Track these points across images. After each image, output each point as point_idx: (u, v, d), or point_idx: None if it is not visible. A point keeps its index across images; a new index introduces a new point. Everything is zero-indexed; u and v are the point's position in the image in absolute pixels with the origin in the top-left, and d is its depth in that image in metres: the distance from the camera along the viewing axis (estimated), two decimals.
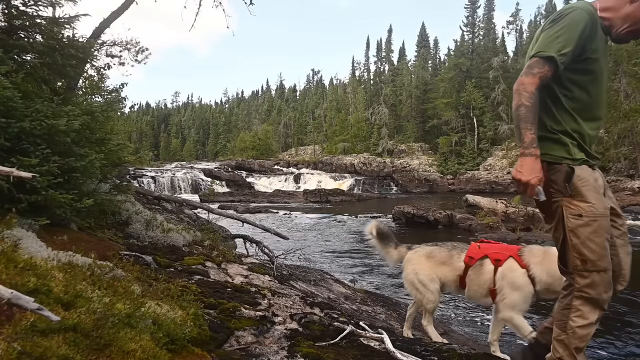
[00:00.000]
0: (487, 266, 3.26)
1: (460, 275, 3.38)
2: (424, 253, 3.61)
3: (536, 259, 3.11)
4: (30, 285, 1.94)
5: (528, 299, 3.10)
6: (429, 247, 3.66)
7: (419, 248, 3.69)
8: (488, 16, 51.15)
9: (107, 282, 2.53)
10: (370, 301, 5.60)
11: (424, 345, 2.80)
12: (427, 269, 3.52)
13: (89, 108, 5.01)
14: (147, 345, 1.85)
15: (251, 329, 2.62)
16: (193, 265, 4.20)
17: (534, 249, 3.21)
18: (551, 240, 2.32)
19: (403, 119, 53.89)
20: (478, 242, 3.50)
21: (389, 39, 59.53)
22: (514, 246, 3.30)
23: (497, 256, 3.23)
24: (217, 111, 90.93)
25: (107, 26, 7.19)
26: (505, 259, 3.18)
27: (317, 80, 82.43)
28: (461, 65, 45.33)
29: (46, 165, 3.82)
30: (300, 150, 61.55)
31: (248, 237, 6.96)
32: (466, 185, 38.37)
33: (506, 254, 3.20)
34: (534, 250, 3.19)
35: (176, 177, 35.20)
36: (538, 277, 3.06)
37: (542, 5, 54.71)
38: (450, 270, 3.45)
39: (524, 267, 3.10)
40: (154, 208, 7.71)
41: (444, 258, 3.50)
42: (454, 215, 15.84)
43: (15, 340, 1.51)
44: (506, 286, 3.13)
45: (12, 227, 3.06)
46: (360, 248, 12.61)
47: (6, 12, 4.73)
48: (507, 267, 3.16)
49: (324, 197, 29.12)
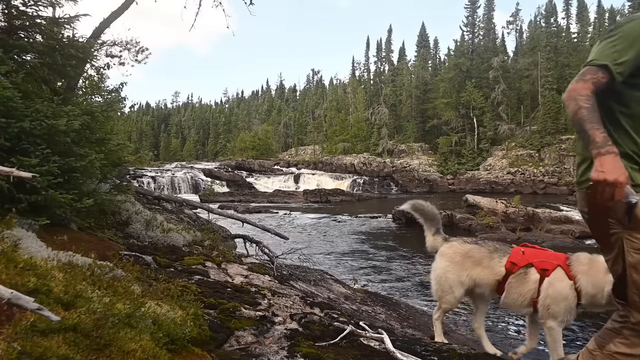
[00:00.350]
0: (532, 275, 3.03)
1: (499, 281, 3.14)
2: (461, 251, 3.36)
3: (582, 268, 2.92)
4: (30, 285, 1.94)
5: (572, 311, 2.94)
6: (467, 244, 3.41)
7: (456, 243, 3.46)
8: (488, 16, 51.16)
9: (107, 282, 2.53)
10: (370, 301, 5.60)
11: (424, 345, 2.80)
12: (460, 269, 3.29)
13: (89, 108, 5.01)
14: (147, 345, 1.85)
15: (251, 329, 2.62)
16: (193, 265, 4.20)
17: (581, 257, 2.99)
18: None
19: (403, 119, 53.90)
20: (521, 245, 3.26)
21: (389, 39, 59.56)
22: (562, 254, 3.07)
23: (543, 265, 3.01)
24: (217, 111, 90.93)
25: (107, 26, 7.19)
26: (553, 269, 2.98)
27: (317, 80, 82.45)
28: (461, 65, 45.34)
29: (46, 165, 3.82)
30: (300, 150, 61.56)
31: (248, 237, 6.96)
32: (466, 185, 38.39)
33: (554, 262, 3.00)
34: (581, 259, 2.98)
35: (176, 177, 35.21)
36: (584, 290, 2.87)
37: (542, 5, 54.72)
38: (488, 274, 3.20)
39: (572, 278, 2.91)
40: (154, 208, 7.71)
41: (483, 259, 3.25)
42: (454, 215, 15.85)
43: (15, 340, 1.51)
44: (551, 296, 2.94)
45: (12, 227, 3.06)
46: (360, 248, 12.62)
47: (6, 12, 4.73)
48: (555, 277, 2.96)
49: (324, 197, 29.14)
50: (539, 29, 48.04)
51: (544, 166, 37.72)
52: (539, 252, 3.13)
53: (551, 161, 37.96)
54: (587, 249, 3.20)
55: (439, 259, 3.45)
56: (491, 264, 3.20)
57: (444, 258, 3.41)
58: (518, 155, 40.18)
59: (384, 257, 11.26)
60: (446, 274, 3.34)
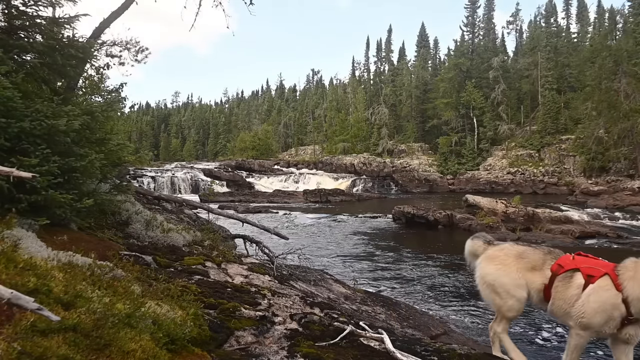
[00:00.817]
0: (576, 279, 2.86)
1: (546, 285, 2.97)
2: (514, 252, 3.13)
3: (629, 274, 2.73)
4: (30, 285, 1.94)
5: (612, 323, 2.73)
6: (519, 246, 3.21)
7: (506, 245, 3.25)
8: (488, 16, 51.15)
9: (107, 282, 2.53)
10: (370, 301, 5.60)
11: (424, 345, 2.80)
12: (515, 271, 3.05)
13: (89, 108, 5.01)
14: (147, 345, 1.85)
15: (251, 329, 2.62)
16: (193, 265, 4.20)
17: (627, 263, 2.81)
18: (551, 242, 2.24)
19: (403, 119, 53.89)
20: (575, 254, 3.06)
21: (389, 39, 59.52)
22: (611, 263, 2.90)
23: (590, 271, 2.84)
24: (217, 111, 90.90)
25: (107, 26, 7.19)
26: (599, 276, 2.79)
27: (317, 80, 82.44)
28: (461, 65, 45.32)
29: (46, 165, 3.82)
30: (300, 150, 61.54)
31: (248, 237, 6.96)
32: (466, 185, 38.38)
33: (602, 270, 2.82)
34: (627, 264, 2.79)
35: (176, 177, 35.21)
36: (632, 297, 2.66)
37: (542, 5, 54.73)
38: (538, 277, 3.00)
39: (619, 287, 2.72)
40: (154, 208, 7.71)
41: (537, 262, 3.03)
42: (454, 215, 15.85)
43: (15, 340, 1.51)
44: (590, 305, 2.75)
45: (12, 227, 3.06)
46: (360, 248, 12.62)
47: (6, 12, 4.73)
48: (600, 285, 2.77)
49: (324, 197, 29.12)
50: (539, 29, 48.03)
51: (543, 166, 37.71)
52: (589, 259, 2.98)
53: (551, 161, 37.96)
54: (587, 249, 3.19)
55: (485, 263, 3.20)
56: (543, 267, 3.01)
57: (494, 261, 3.17)
58: (518, 155, 40.18)
59: (384, 257, 11.26)
60: (500, 278, 3.08)
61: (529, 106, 44.99)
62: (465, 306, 7.14)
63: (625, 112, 30.41)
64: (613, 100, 31.64)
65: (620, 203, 23.55)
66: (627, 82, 31.77)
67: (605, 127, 31.84)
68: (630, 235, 14.17)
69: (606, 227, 15.29)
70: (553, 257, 3.02)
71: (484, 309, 6.93)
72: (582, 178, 33.87)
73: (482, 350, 3.22)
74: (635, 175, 29.84)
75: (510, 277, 3.05)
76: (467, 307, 7.09)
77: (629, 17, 40.01)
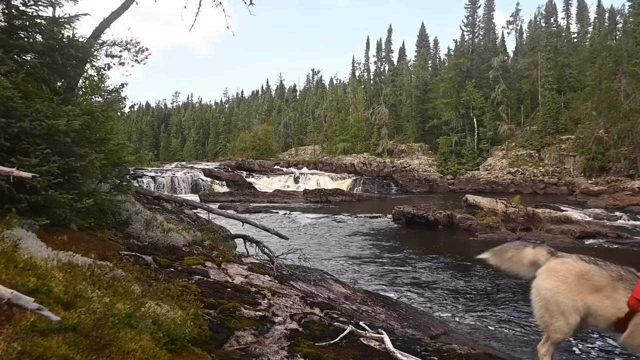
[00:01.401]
0: None
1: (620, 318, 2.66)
2: (577, 270, 2.83)
3: None
4: (30, 285, 1.94)
5: None
6: (584, 262, 2.87)
7: (570, 259, 2.93)
8: (488, 16, 51.13)
9: (107, 282, 2.53)
10: (370, 301, 5.60)
11: (424, 345, 2.80)
12: (575, 292, 2.76)
13: (89, 108, 5.01)
14: (147, 345, 1.85)
15: (251, 329, 2.62)
16: (193, 265, 4.20)
17: None
18: (549, 242, 2.22)
19: (403, 119, 53.89)
20: None
21: (389, 39, 59.48)
22: None
23: None
24: (217, 111, 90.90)
25: (107, 26, 7.19)
26: None
27: (317, 80, 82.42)
28: (461, 65, 45.30)
29: (46, 165, 3.82)
30: (300, 150, 61.53)
31: (248, 237, 6.96)
32: (466, 185, 38.38)
33: None
34: None
35: (176, 177, 35.21)
36: None
37: (542, 5, 54.70)
38: (607, 305, 2.69)
39: None
40: (154, 208, 7.70)
41: (603, 285, 2.73)
42: (454, 215, 15.86)
43: (15, 340, 1.51)
44: None
45: (12, 227, 3.06)
46: (360, 248, 12.62)
47: (6, 12, 4.73)
48: None
49: (324, 197, 29.12)
50: (539, 29, 48.03)
51: (543, 166, 37.70)
52: None
53: (551, 161, 37.96)
54: (587, 249, 3.16)
55: (545, 277, 2.91)
56: (613, 294, 2.69)
57: (554, 276, 2.87)
58: (518, 155, 40.17)
59: (384, 257, 11.26)
60: (556, 296, 2.80)
61: (529, 106, 44.98)
62: (466, 306, 7.13)
63: (625, 112, 30.41)
64: (613, 100, 31.63)
65: (620, 203, 23.56)
66: (627, 82, 31.77)
67: (605, 127, 31.83)
68: (630, 235, 14.17)
69: (606, 227, 15.29)
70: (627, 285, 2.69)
71: (484, 309, 6.93)
72: (582, 178, 33.86)
73: (482, 350, 3.22)
74: (635, 175, 29.84)
75: (569, 298, 2.77)
76: (467, 307, 7.09)
77: (629, 17, 39.99)
